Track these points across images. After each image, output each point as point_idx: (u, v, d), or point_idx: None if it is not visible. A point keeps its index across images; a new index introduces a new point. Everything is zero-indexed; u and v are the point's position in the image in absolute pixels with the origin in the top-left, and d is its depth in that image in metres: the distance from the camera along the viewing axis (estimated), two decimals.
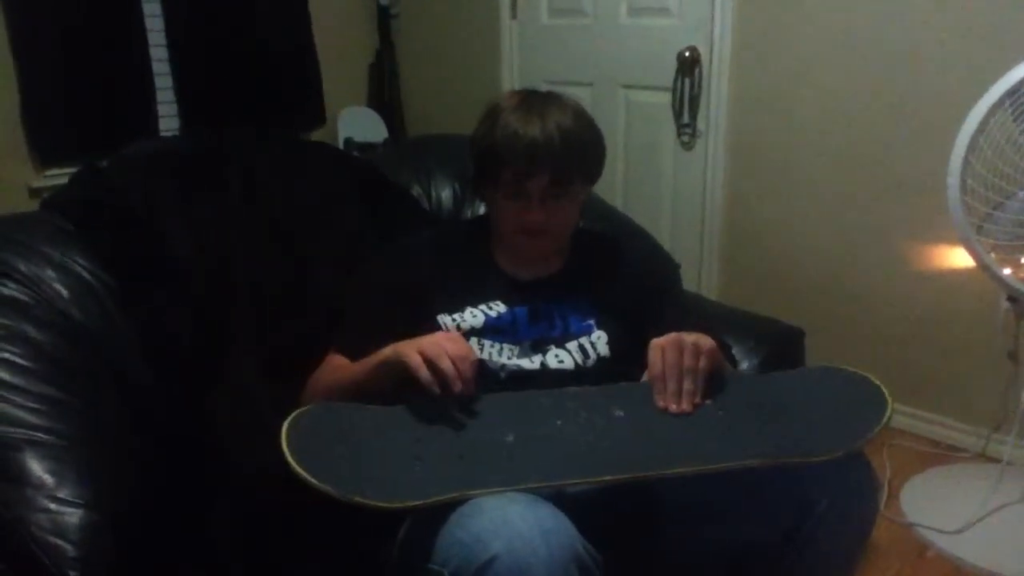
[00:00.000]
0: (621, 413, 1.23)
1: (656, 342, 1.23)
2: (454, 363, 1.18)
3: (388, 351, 1.26)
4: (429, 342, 1.21)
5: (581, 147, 1.39)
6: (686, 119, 2.93)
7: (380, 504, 1.07)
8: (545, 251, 1.46)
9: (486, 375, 1.37)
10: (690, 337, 1.22)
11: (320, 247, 1.70)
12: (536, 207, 1.37)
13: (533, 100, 1.41)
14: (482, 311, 1.42)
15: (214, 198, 1.63)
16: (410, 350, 1.21)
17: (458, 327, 1.40)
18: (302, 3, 3.55)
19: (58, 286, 1.40)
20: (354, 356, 1.43)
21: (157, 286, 1.48)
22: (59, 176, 2.89)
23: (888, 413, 1.19)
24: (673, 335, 1.22)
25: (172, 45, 3.25)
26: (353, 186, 1.84)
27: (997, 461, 2.24)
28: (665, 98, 2.95)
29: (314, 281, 1.65)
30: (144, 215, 1.54)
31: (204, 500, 1.31)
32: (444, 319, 1.41)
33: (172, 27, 3.23)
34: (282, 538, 1.28)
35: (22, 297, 1.36)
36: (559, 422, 1.22)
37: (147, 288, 1.47)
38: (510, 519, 1.01)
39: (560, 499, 1.11)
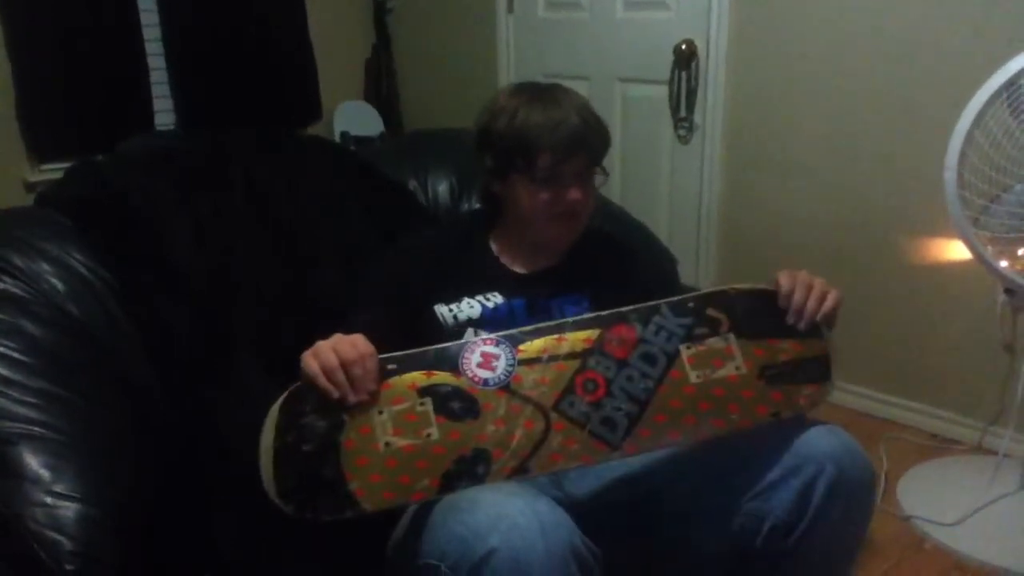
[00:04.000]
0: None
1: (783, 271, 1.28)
2: (348, 369, 1.14)
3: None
4: (325, 348, 1.16)
5: (607, 130, 1.45)
6: (683, 113, 2.93)
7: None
8: (572, 237, 1.48)
9: None
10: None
11: (321, 247, 1.70)
12: (574, 187, 1.40)
13: (545, 89, 1.45)
14: (479, 302, 1.42)
15: (215, 198, 1.63)
16: (309, 358, 1.16)
17: (455, 318, 1.40)
18: None
19: (55, 281, 1.40)
20: None
21: (157, 286, 1.47)
22: (55, 171, 2.89)
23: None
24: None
25: (167, 39, 3.24)
26: (353, 185, 1.83)
27: (994, 453, 2.24)
28: (662, 92, 2.95)
29: (315, 281, 1.65)
30: (144, 214, 1.53)
31: (205, 499, 1.31)
32: (441, 309, 1.41)
33: (167, 21, 3.22)
34: (282, 537, 1.28)
35: (19, 292, 1.35)
36: None
37: (147, 287, 1.46)
38: (508, 513, 1.01)
39: (560, 496, 1.11)
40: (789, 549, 1.17)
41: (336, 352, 1.15)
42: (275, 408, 1.15)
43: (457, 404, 1.17)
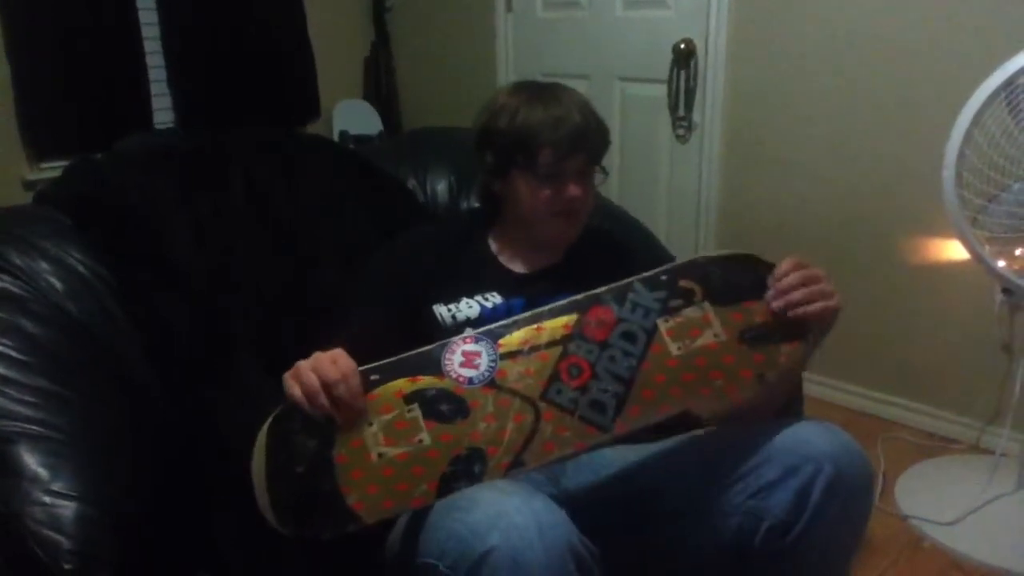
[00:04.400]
0: None
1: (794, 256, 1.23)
2: (331, 390, 1.14)
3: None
4: (305, 371, 1.14)
5: (607, 129, 1.46)
6: (682, 112, 2.93)
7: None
8: (572, 234, 1.48)
9: None
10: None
11: (321, 246, 1.69)
12: (574, 184, 1.41)
13: (546, 87, 1.46)
14: (478, 302, 1.42)
15: (215, 197, 1.63)
16: (291, 381, 1.15)
17: (454, 318, 1.40)
18: None
19: (53, 280, 1.39)
20: (347, 349, 1.44)
21: (156, 284, 1.47)
22: (54, 169, 2.88)
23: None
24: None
25: (166, 36, 3.23)
26: (353, 184, 1.83)
27: (991, 453, 2.25)
28: (661, 91, 2.96)
29: (315, 280, 1.64)
30: (143, 213, 1.53)
31: (205, 499, 1.31)
32: (440, 309, 1.41)
33: (166, 19, 3.22)
34: (282, 537, 1.28)
35: (17, 290, 1.35)
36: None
37: (146, 286, 1.46)
38: (507, 512, 1.01)
39: (557, 495, 1.11)
40: (787, 548, 1.17)
41: (317, 373, 1.13)
42: (263, 431, 1.14)
43: (445, 406, 1.17)
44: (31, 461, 1.15)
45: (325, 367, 1.13)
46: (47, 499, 1.12)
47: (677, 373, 1.20)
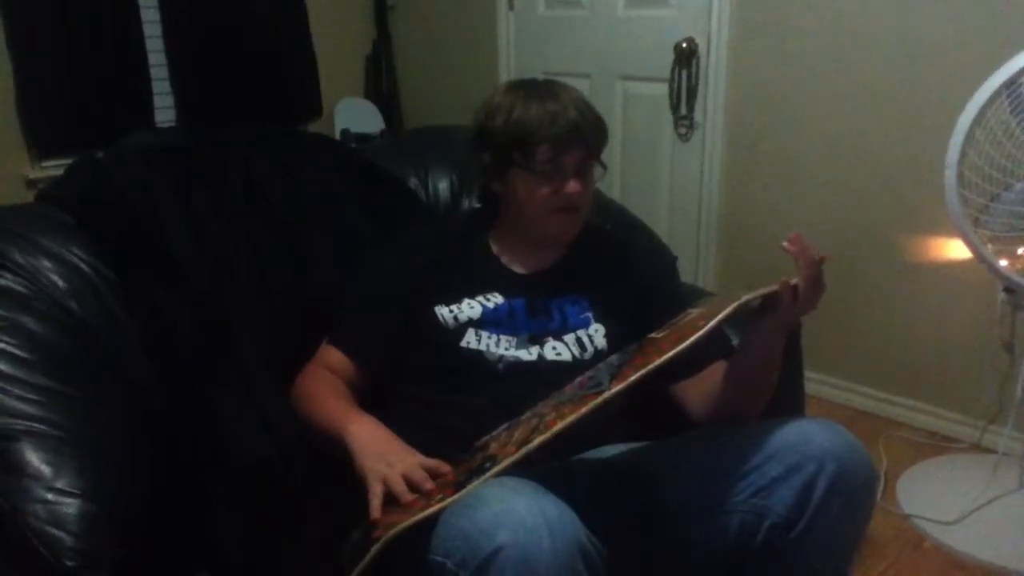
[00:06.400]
0: None
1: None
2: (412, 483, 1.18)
3: (352, 443, 1.26)
4: (395, 477, 1.18)
5: (604, 123, 1.46)
6: (684, 111, 2.93)
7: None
8: (573, 231, 1.48)
9: (484, 367, 1.38)
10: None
11: (321, 244, 1.69)
12: (573, 180, 1.41)
13: (541, 84, 1.46)
14: (480, 303, 1.42)
15: (215, 194, 1.63)
16: (373, 478, 1.19)
17: (455, 319, 1.40)
18: None
19: (55, 278, 1.39)
20: (349, 349, 1.46)
21: (157, 283, 1.47)
22: (55, 167, 2.89)
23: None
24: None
25: (168, 35, 3.24)
26: (353, 182, 1.83)
27: (993, 452, 2.25)
28: (663, 90, 2.96)
29: (315, 278, 1.65)
30: (144, 211, 1.53)
31: (205, 498, 1.31)
32: (441, 310, 1.41)
33: (168, 16, 3.22)
34: (282, 535, 1.27)
35: (19, 288, 1.35)
36: None
37: (147, 284, 1.46)
38: (515, 510, 1.00)
39: (561, 493, 1.11)
40: (789, 546, 1.17)
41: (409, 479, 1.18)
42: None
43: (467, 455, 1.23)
44: (33, 458, 1.15)
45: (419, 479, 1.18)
46: (49, 496, 1.11)
47: (663, 338, 1.22)
